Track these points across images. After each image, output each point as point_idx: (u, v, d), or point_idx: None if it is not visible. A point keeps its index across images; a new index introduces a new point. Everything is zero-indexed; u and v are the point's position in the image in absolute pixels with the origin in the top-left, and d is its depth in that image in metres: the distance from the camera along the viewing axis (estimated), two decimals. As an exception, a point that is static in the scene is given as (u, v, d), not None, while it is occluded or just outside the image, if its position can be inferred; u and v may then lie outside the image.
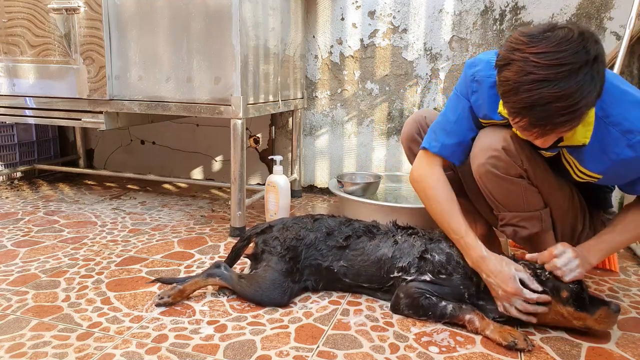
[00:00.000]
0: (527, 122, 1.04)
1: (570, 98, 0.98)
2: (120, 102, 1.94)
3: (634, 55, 2.07)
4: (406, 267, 1.32)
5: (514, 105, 1.04)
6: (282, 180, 2.05)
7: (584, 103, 0.99)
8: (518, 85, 1.01)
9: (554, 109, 0.99)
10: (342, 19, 2.42)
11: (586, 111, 1.02)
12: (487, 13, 2.22)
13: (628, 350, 1.18)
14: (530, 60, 0.99)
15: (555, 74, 0.97)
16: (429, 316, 1.27)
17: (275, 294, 1.33)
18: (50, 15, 1.95)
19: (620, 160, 1.16)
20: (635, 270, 1.68)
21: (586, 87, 0.98)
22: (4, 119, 2.19)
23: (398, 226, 1.44)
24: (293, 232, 1.40)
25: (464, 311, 1.24)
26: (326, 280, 1.41)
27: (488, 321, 1.21)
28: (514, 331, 1.18)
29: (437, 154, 1.35)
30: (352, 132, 2.52)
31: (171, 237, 1.89)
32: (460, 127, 1.33)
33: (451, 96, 1.37)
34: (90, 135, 3.06)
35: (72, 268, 1.57)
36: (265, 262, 1.37)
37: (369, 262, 1.36)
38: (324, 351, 1.13)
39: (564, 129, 1.04)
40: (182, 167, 2.88)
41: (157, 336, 1.18)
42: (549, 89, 0.97)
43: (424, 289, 1.28)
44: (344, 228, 1.41)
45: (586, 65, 0.98)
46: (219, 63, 1.79)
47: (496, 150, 1.28)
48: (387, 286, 1.36)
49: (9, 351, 1.10)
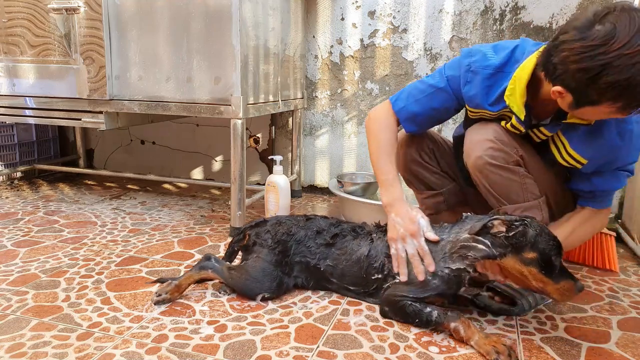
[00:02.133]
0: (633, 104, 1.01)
1: None
2: (120, 102, 1.94)
3: (634, 55, 2.07)
4: (379, 268, 1.33)
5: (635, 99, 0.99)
6: (282, 180, 2.05)
7: None
8: (635, 83, 0.96)
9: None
10: (342, 19, 2.42)
11: None
12: (487, 13, 2.22)
13: (628, 350, 1.18)
14: (624, 54, 0.95)
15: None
16: (416, 323, 1.24)
17: (265, 282, 1.36)
18: (50, 15, 1.95)
19: (607, 146, 1.18)
20: (635, 270, 1.68)
21: None
22: (4, 119, 2.19)
23: (379, 226, 1.44)
24: (285, 228, 1.44)
25: (450, 318, 1.20)
26: (315, 280, 1.42)
27: (474, 330, 1.17)
28: (499, 344, 1.12)
29: (395, 112, 1.42)
30: (352, 132, 2.52)
31: (171, 237, 1.89)
32: (427, 102, 1.38)
33: (438, 71, 1.38)
34: (90, 135, 3.06)
35: (72, 268, 1.57)
36: (255, 254, 1.40)
37: (351, 262, 1.37)
38: (324, 351, 1.13)
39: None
40: (182, 167, 2.88)
41: (157, 336, 1.18)
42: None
43: (403, 295, 1.26)
44: (332, 228, 1.43)
45: None
46: (219, 63, 1.79)
47: (491, 141, 1.29)
48: (371, 289, 1.36)
49: (9, 351, 1.10)
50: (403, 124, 1.44)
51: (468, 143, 1.35)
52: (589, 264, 1.70)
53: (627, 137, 1.16)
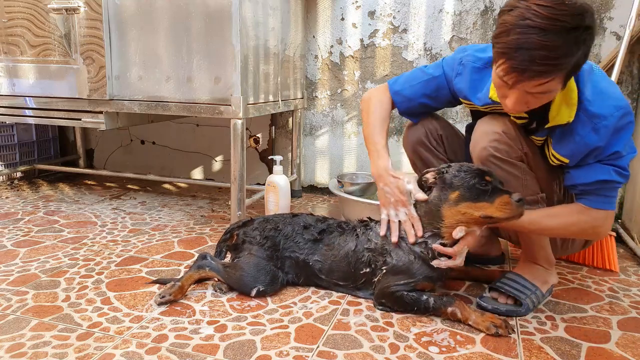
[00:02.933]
0: (509, 66, 1.08)
1: (554, 51, 1.02)
2: (120, 102, 1.94)
3: (634, 55, 2.07)
4: (367, 262, 1.37)
5: (503, 45, 1.07)
6: (282, 180, 2.05)
7: (563, 61, 1.04)
8: (513, 27, 1.05)
9: (536, 56, 1.03)
10: (342, 19, 2.42)
11: (562, 72, 1.06)
12: (487, 13, 2.22)
13: (628, 350, 1.18)
14: (532, 8, 1.04)
15: (549, 25, 1.02)
16: (415, 311, 1.31)
17: (259, 276, 1.39)
18: (50, 15, 1.95)
19: (583, 143, 1.18)
20: (635, 270, 1.68)
21: (570, 48, 1.03)
22: (4, 119, 2.19)
23: (362, 221, 1.48)
24: (272, 224, 1.47)
25: (446, 303, 1.28)
26: (305, 275, 1.45)
27: (470, 310, 1.26)
28: (495, 319, 1.23)
29: (391, 94, 1.49)
30: (352, 132, 2.52)
31: (171, 237, 1.89)
32: (420, 89, 1.45)
33: (437, 62, 1.45)
34: (90, 135, 3.06)
35: (72, 268, 1.57)
36: (246, 251, 1.43)
37: (339, 258, 1.40)
38: (324, 351, 1.13)
39: (537, 82, 1.07)
40: (182, 167, 2.88)
41: (157, 336, 1.18)
42: (538, 36, 1.03)
43: (397, 285, 1.31)
44: (319, 224, 1.47)
45: (577, 30, 1.03)
46: (219, 63, 1.79)
47: (497, 134, 1.29)
48: (360, 284, 1.40)
49: (9, 351, 1.10)
50: (398, 106, 1.50)
51: (476, 133, 1.35)
52: (589, 264, 1.71)
53: (603, 132, 1.16)
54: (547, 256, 1.41)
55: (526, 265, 1.42)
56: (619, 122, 1.16)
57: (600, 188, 1.23)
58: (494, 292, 1.38)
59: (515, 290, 1.35)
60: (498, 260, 1.70)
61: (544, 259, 1.41)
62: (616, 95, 1.19)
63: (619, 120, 1.16)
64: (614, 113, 1.15)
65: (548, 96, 1.12)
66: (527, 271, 1.40)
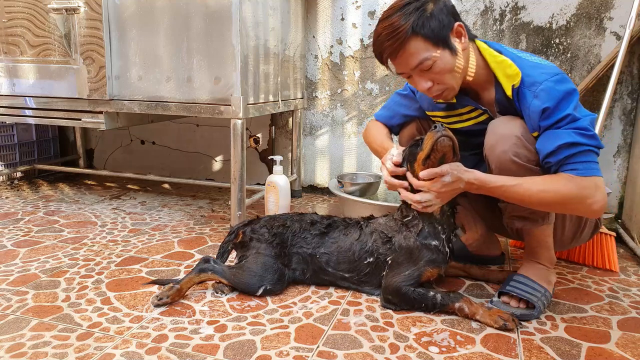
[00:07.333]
0: (381, 59, 1.31)
1: (392, 25, 1.24)
2: (120, 102, 1.94)
3: (634, 55, 2.07)
4: (370, 251, 1.41)
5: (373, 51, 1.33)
6: (282, 180, 2.05)
7: (403, 28, 1.23)
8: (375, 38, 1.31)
9: (383, 37, 1.27)
10: (342, 19, 2.42)
11: (410, 40, 1.24)
12: (487, 13, 2.22)
13: (628, 350, 1.18)
14: (381, 18, 1.31)
15: (387, 14, 1.27)
16: (422, 308, 1.32)
17: (267, 275, 1.39)
18: (50, 15, 1.95)
19: (531, 111, 1.24)
20: (635, 270, 1.68)
21: (405, 17, 1.24)
22: (4, 119, 2.19)
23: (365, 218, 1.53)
24: (280, 221, 1.50)
25: (453, 299, 1.30)
26: (311, 270, 1.46)
27: (477, 306, 1.29)
28: (502, 313, 1.26)
29: (379, 120, 1.69)
30: (352, 132, 2.52)
31: (171, 237, 1.89)
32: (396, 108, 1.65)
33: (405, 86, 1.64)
34: (90, 135, 3.06)
35: (72, 268, 1.57)
36: (254, 250, 1.43)
37: (345, 248, 1.44)
38: (324, 351, 1.13)
39: (392, 55, 1.28)
40: (182, 167, 2.88)
41: (157, 336, 1.18)
42: (381, 25, 1.28)
43: (402, 280, 1.33)
44: (325, 220, 1.52)
45: (410, 4, 1.25)
46: (219, 63, 1.79)
47: (518, 138, 1.28)
48: (364, 275, 1.42)
49: (9, 351, 1.10)
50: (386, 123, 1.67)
51: (493, 134, 1.32)
52: (589, 264, 1.71)
53: (543, 95, 1.21)
54: (551, 256, 1.41)
55: (530, 265, 1.42)
56: (558, 86, 1.21)
57: (572, 155, 1.20)
58: (504, 296, 1.36)
59: (527, 293, 1.33)
60: (498, 259, 1.70)
61: (548, 259, 1.41)
62: (550, 66, 1.28)
63: (556, 84, 1.22)
64: (549, 78, 1.23)
65: (441, 67, 1.26)
66: (532, 272, 1.39)
